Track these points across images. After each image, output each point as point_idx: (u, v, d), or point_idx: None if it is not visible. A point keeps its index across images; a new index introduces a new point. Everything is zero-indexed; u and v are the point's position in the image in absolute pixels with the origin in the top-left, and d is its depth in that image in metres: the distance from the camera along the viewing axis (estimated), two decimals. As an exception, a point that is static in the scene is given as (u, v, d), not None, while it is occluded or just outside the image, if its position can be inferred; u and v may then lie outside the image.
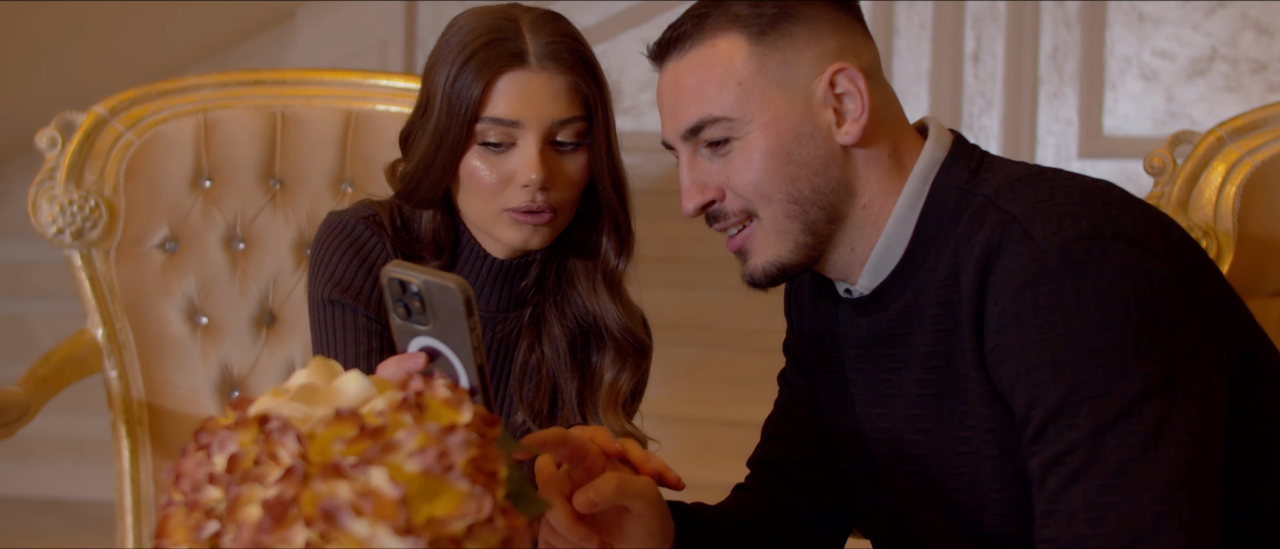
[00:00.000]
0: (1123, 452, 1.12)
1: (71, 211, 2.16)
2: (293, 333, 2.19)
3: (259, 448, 0.91)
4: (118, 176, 2.18)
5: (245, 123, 2.21)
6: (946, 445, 1.31)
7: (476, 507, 0.86)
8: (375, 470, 0.86)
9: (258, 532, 0.85)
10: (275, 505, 0.85)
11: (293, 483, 0.86)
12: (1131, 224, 1.20)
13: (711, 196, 1.34)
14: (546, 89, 1.49)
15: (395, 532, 0.83)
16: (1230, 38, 3.26)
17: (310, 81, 2.28)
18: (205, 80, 2.26)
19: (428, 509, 0.86)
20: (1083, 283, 1.16)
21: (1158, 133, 3.33)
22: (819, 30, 1.32)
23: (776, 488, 1.50)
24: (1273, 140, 1.84)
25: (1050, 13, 3.39)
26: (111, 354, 2.17)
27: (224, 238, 2.19)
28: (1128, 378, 1.14)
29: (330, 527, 0.85)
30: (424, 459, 0.87)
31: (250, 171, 2.21)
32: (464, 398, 0.96)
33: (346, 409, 0.92)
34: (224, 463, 0.92)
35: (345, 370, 1.56)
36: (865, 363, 1.39)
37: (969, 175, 1.31)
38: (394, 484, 0.85)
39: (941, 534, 1.35)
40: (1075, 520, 1.13)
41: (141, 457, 2.17)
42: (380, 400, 0.95)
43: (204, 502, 0.93)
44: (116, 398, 2.17)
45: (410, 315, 1.15)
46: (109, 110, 2.21)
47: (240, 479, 0.90)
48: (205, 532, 0.92)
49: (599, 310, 1.58)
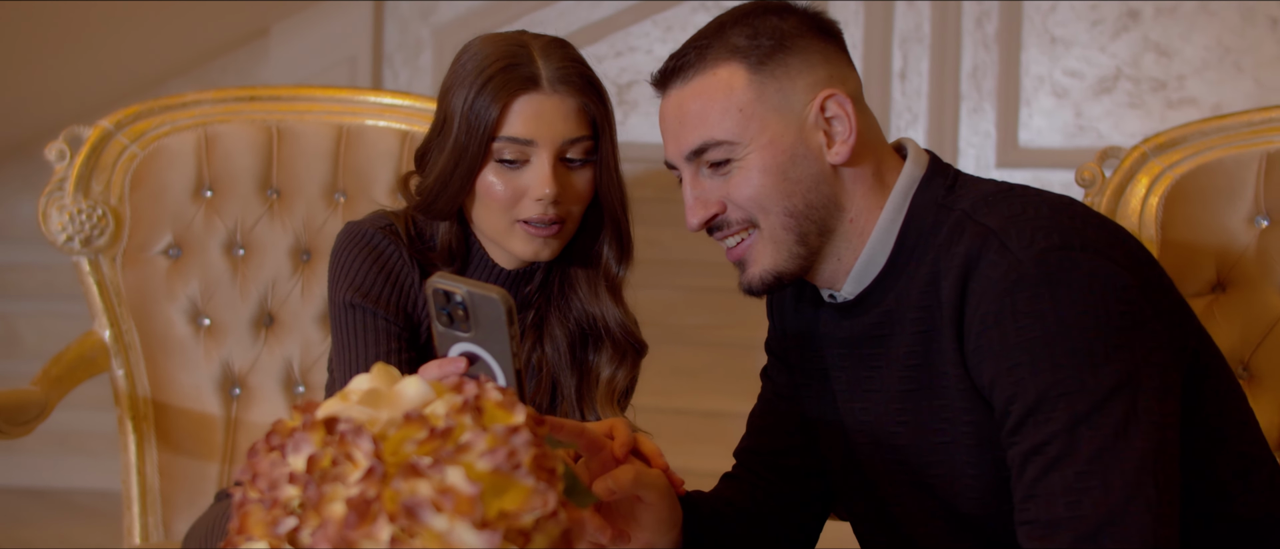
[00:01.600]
0: (1095, 442, 1.16)
1: (80, 220, 2.13)
2: (290, 333, 2.18)
3: (334, 449, 0.92)
4: (123, 187, 2.16)
5: (243, 137, 2.20)
6: (924, 435, 1.34)
7: (542, 501, 0.88)
8: (451, 469, 0.87)
9: (343, 527, 0.86)
10: (359, 503, 0.86)
11: (374, 482, 0.87)
12: (1096, 236, 1.24)
13: (714, 211, 1.36)
14: (558, 110, 1.50)
15: (474, 526, 0.85)
16: (1133, 59, 3.34)
17: (303, 98, 2.27)
18: (204, 96, 2.24)
19: (498, 505, 0.87)
20: (1057, 290, 1.20)
21: (1068, 145, 3.40)
22: (811, 60, 1.34)
23: (763, 475, 1.52)
24: (1191, 155, 1.89)
25: (970, 35, 3.44)
26: (118, 354, 2.15)
27: (225, 244, 2.18)
28: (1098, 376, 1.18)
29: (412, 522, 0.86)
30: (494, 458, 0.88)
31: (249, 182, 2.19)
32: (515, 400, 0.97)
33: (414, 412, 0.93)
34: (302, 463, 0.92)
35: (367, 370, 1.56)
36: (847, 361, 1.41)
37: (945, 192, 1.35)
38: (470, 482, 0.86)
39: (918, 515, 1.38)
40: (1054, 504, 1.16)
41: (147, 450, 2.15)
42: (439, 403, 0.96)
43: (283, 499, 0.93)
44: (123, 395, 2.15)
45: (453, 323, 1.16)
46: (114, 124, 2.18)
47: (319, 479, 0.91)
48: (283, 527, 0.93)
49: (601, 313, 1.59)
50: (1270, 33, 3.26)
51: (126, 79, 3.82)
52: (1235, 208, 1.82)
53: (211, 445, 2.16)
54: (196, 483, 2.15)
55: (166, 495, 2.15)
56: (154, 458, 2.15)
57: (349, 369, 1.53)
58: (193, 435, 2.16)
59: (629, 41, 3.67)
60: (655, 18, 3.65)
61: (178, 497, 2.15)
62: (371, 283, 1.55)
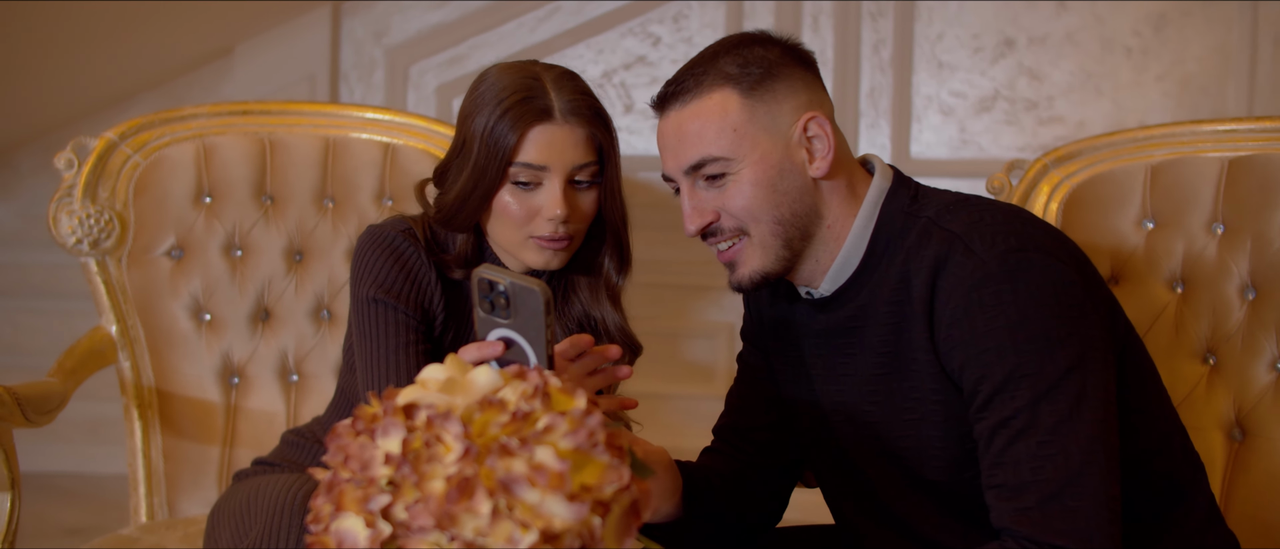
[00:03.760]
0: (1054, 416, 1.21)
1: (88, 224, 2.08)
2: (285, 327, 2.15)
3: (424, 432, 0.93)
4: (128, 193, 2.11)
5: (238, 147, 2.17)
6: (895, 413, 1.38)
7: (618, 475, 0.89)
8: (540, 448, 0.88)
9: (445, 502, 0.87)
10: (459, 480, 0.87)
11: (470, 461, 0.88)
12: (1045, 240, 1.30)
13: (709, 219, 1.38)
14: (569, 139, 1.50)
15: (565, 498, 0.86)
16: (1009, 82, 3.44)
17: (292, 112, 2.24)
18: (201, 110, 2.19)
19: (579, 479, 0.89)
20: (1016, 286, 1.25)
21: (953, 157, 3.48)
22: (794, 86, 1.38)
23: (741, 448, 1.55)
24: (1086, 167, 1.97)
25: (868, 60, 3.51)
26: (124, 347, 2.10)
27: (224, 246, 2.14)
28: (1054, 359, 1.23)
29: (507, 496, 0.87)
30: (576, 438, 0.89)
31: (245, 189, 2.16)
32: (575, 388, 0.98)
33: (491, 398, 0.94)
34: (395, 445, 0.92)
35: (388, 359, 1.56)
36: (824, 349, 1.45)
37: (910, 201, 1.39)
38: (558, 459, 0.88)
39: (888, 483, 1.42)
40: (1020, 469, 1.21)
41: (152, 435, 2.11)
42: (509, 390, 0.97)
43: (376, 477, 0.93)
44: (129, 385, 2.10)
45: (494, 310, 1.16)
46: (118, 136, 2.13)
47: (413, 460, 0.91)
48: (376, 503, 0.93)
49: (601, 316, 1.59)
50: (1126, 60, 3.39)
51: (96, 93, 3.70)
52: (1125, 212, 1.89)
53: (212, 430, 2.13)
54: (199, 464, 2.11)
55: (171, 477, 2.11)
56: (158, 442, 2.11)
57: (370, 358, 1.52)
58: (195, 421, 2.12)
59: (564, 62, 3.67)
60: (588, 41, 3.66)
61: (181, 478, 2.11)
62: (392, 280, 1.54)
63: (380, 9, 3.75)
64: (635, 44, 3.63)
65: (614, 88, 3.61)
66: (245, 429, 2.13)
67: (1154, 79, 3.38)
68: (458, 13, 3.71)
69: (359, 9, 3.75)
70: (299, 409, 2.14)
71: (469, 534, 0.86)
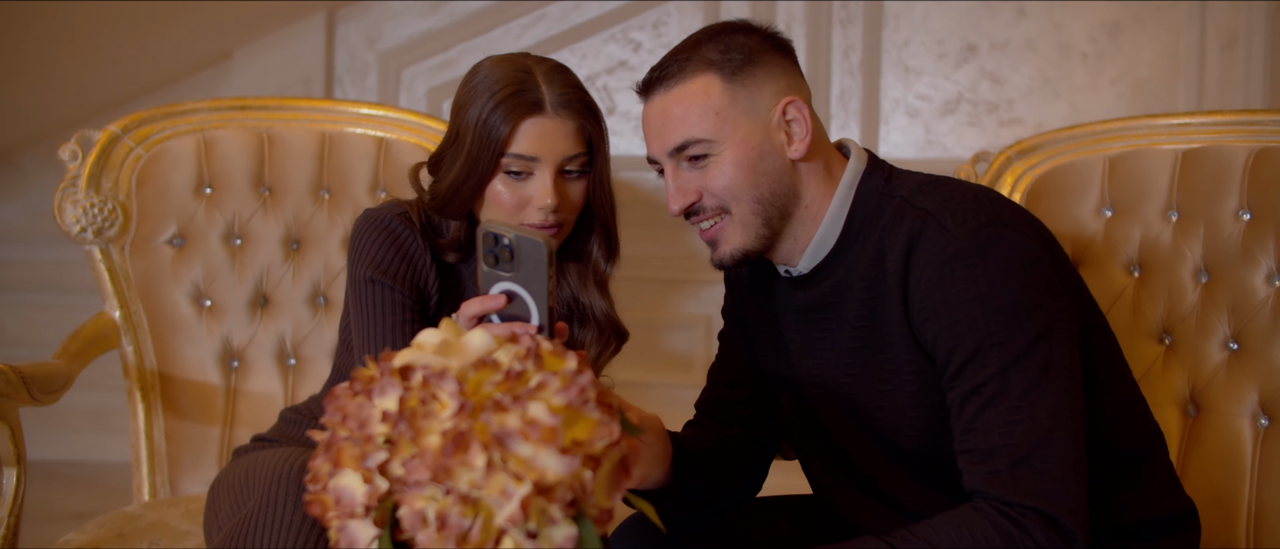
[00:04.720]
0: (1023, 383, 1.21)
1: (92, 213, 2.05)
2: (283, 312, 2.13)
3: (420, 391, 0.91)
4: (130, 184, 2.08)
5: (237, 141, 2.14)
6: (871, 384, 1.37)
7: (608, 431, 0.88)
8: (533, 404, 0.87)
9: (440, 455, 0.86)
10: (454, 434, 0.86)
11: (465, 416, 0.87)
12: (1012, 217, 1.29)
13: (692, 199, 1.37)
14: (559, 131, 1.48)
15: (558, 451, 0.85)
16: (972, 85, 3.45)
17: (288, 107, 2.22)
18: (201, 105, 2.17)
19: (571, 434, 0.88)
20: (986, 260, 1.24)
21: (919, 157, 3.49)
22: (773, 72, 1.37)
23: (723, 421, 1.54)
24: (1048, 158, 1.97)
25: (838, 64, 3.51)
26: (128, 332, 2.07)
27: (224, 235, 2.12)
28: (1023, 329, 1.22)
29: (501, 450, 0.85)
30: (567, 395, 0.88)
31: (244, 181, 2.14)
32: (566, 350, 0.97)
33: (485, 359, 0.93)
34: (393, 404, 0.91)
35: (384, 336, 1.54)
36: (801, 324, 1.44)
37: (884, 182, 1.38)
38: (551, 414, 0.86)
39: (864, 451, 1.41)
40: (991, 434, 1.21)
41: (154, 417, 2.08)
42: (502, 352, 0.96)
43: (373, 435, 0.92)
44: (132, 368, 2.07)
45: (498, 263, 1.15)
46: (121, 128, 2.10)
47: (410, 417, 0.90)
48: (373, 460, 0.92)
49: (589, 302, 1.58)
50: (1082, 65, 3.40)
51: (99, 96, 3.66)
52: (1085, 201, 1.89)
53: (213, 411, 2.10)
54: (200, 445, 2.09)
55: (172, 457, 2.08)
56: (160, 424, 2.08)
57: (366, 336, 1.50)
58: (196, 403, 2.09)
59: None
60: (572, 47, 3.65)
61: (183, 458, 2.08)
62: (389, 261, 1.52)
63: (373, 15, 3.73)
64: (617, 49, 3.62)
65: (597, 91, 3.60)
66: (244, 410, 2.11)
67: (1108, 82, 3.39)
68: (448, 19, 3.70)
69: (353, 15, 3.73)
70: (296, 391, 2.11)
71: (464, 487, 0.85)
